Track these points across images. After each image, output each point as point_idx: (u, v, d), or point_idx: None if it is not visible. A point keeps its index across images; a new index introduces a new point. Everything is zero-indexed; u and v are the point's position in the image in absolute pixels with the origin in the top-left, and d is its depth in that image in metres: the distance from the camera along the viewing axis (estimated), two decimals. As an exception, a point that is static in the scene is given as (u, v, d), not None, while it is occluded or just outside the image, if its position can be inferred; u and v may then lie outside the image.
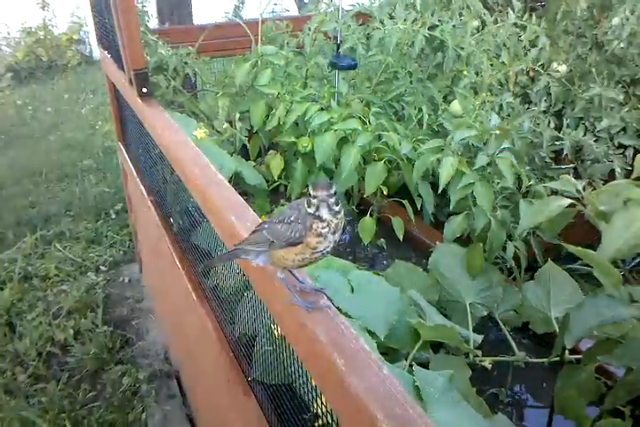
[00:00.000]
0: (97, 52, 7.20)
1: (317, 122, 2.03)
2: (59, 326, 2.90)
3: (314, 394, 1.00)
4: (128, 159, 2.73)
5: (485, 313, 1.79)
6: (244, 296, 1.50)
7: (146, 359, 2.78)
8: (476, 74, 2.24)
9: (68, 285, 3.25)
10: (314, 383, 1.00)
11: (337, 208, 0.84)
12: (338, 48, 2.39)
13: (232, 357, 1.51)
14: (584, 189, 1.22)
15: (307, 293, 0.90)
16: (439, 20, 2.25)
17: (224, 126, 2.41)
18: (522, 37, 2.40)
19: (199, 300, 1.75)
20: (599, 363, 1.27)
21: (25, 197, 4.20)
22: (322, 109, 2.19)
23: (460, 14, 2.34)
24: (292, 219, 0.87)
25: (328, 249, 0.86)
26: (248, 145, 2.49)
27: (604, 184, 2.74)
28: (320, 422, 1.01)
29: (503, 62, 2.37)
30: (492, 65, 2.24)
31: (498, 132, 1.70)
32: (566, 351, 1.48)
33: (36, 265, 3.42)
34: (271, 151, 2.60)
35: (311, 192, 0.83)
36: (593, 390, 1.31)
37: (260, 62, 2.45)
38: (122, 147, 2.87)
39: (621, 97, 2.60)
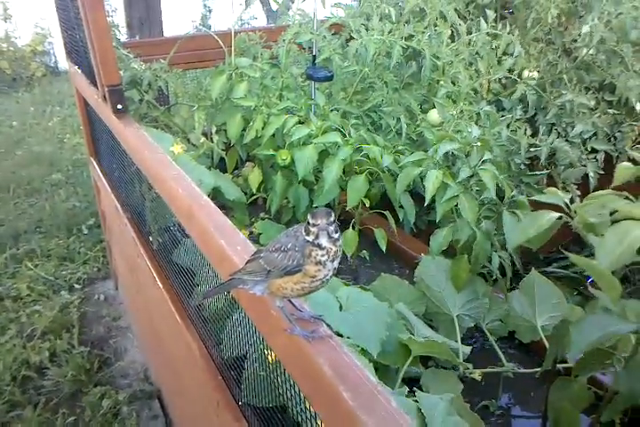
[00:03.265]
0: (62, 63, 7.10)
1: (298, 136, 2.01)
2: (33, 349, 2.82)
3: (314, 422, 0.98)
4: (101, 175, 2.67)
5: (472, 324, 1.79)
6: (230, 317, 1.47)
7: (125, 379, 2.72)
8: (453, 83, 2.26)
9: (42, 304, 3.16)
10: (312, 410, 0.98)
11: (336, 236, 0.83)
12: (314, 59, 2.38)
13: (220, 380, 1.48)
14: (571, 201, 1.23)
15: (306, 321, 0.87)
16: (414, 30, 2.26)
17: (201, 140, 2.37)
18: (495, 46, 2.42)
19: (182, 320, 1.72)
20: (591, 374, 1.28)
21: (-7, 214, 4.08)
22: (300, 122, 2.18)
23: (435, 24, 2.35)
24: (288, 247, 0.85)
25: (328, 277, 0.84)
26: (226, 158, 2.45)
27: (577, 188, 2.80)
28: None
29: (477, 71, 2.39)
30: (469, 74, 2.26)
31: (479, 143, 1.71)
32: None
33: (6, 285, 3.32)
34: (248, 164, 2.57)
35: (310, 221, 0.81)
36: (585, 400, 1.31)
37: (234, 75, 2.43)
38: (94, 162, 2.81)
39: (592, 103, 2.65)
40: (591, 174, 2.61)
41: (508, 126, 2.31)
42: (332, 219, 0.81)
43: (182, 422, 2.22)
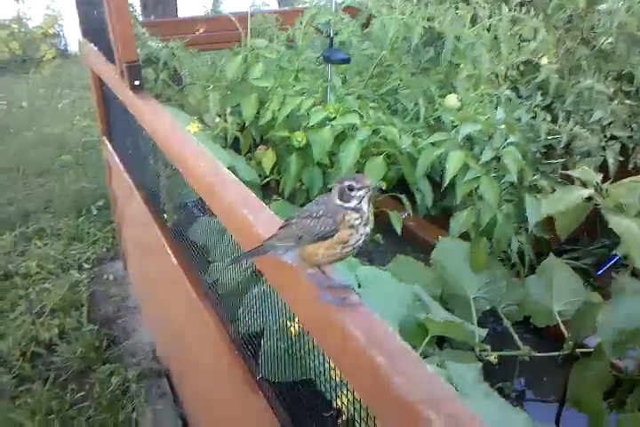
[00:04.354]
0: (72, 45, 7.07)
1: (315, 120, 1.99)
2: (43, 325, 2.83)
3: (336, 392, 0.98)
4: (114, 154, 2.66)
5: (488, 307, 1.78)
6: (247, 292, 1.47)
7: (134, 358, 2.73)
8: (474, 67, 2.23)
9: (51, 282, 3.17)
10: (337, 380, 0.97)
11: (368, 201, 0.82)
12: (331, 42, 2.35)
13: (237, 355, 1.48)
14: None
15: (336, 289, 0.87)
16: (435, 13, 2.23)
17: (216, 121, 2.35)
18: (516, 31, 2.39)
19: (199, 297, 1.71)
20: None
21: (2, 193, 4.08)
22: (315, 104, 2.16)
23: (457, 7, 2.32)
24: (320, 213, 0.85)
25: (359, 242, 0.84)
26: (241, 139, 2.44)
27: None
28: (344, 418, 0.99)
29: (498, 55, 2.36)
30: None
31: (504, 126, 1.69)
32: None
33: (16, 263, 3.33)
34: (261, 146, 2.55)
35: (354, 184, 0.81)
36: (607, 382, 1.30)
37: (250, 56, 2.41)
38: (107, 141, 2.80)
39: (611, 90, 2.62)
40: (611, 161, 2.57)
41: (528, 112, 2.29)
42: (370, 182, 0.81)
43: (192, 399, 2.22)
